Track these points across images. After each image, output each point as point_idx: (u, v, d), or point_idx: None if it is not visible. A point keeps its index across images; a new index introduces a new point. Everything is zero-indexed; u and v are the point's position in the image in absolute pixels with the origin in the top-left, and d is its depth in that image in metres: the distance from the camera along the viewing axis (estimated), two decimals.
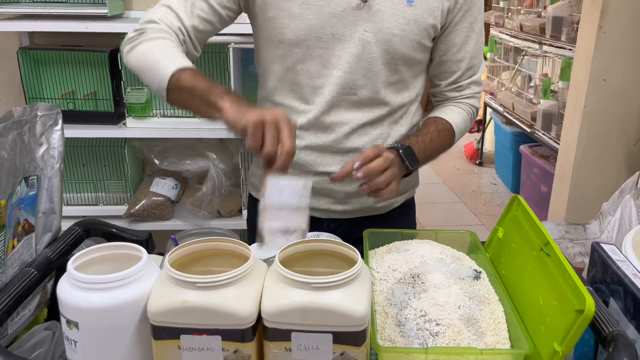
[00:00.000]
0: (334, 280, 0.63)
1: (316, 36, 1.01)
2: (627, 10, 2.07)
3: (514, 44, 3.51)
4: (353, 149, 1.09)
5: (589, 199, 2.30)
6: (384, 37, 1.02)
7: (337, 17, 1.01)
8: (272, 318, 0.65)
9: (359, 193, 1.13)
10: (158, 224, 2.02)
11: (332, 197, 1.14)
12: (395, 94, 1.09)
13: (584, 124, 2.25)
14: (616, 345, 0.67)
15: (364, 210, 1.17)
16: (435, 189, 3.96)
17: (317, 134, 1.09)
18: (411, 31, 1.03)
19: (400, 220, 1.25)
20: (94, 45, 1.96)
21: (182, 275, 0.64)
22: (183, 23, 1.02)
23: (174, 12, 1.03)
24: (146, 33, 1.01)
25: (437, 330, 0.73)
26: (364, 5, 1.01)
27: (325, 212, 1.16)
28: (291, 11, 1.01)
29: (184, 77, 0.94)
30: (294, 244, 0.73)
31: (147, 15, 1.04)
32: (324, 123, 1.08)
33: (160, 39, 1.00)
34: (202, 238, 0.73)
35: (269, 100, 1.13)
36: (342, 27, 1.01)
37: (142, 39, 1.00)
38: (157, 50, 0.99)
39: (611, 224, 1.36)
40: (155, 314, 0.64)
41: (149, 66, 0.99)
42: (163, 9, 1.04)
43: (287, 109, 1.09)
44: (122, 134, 1.94)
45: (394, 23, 1.02)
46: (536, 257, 0.80)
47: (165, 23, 1.02)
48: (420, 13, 1.03)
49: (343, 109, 1.07)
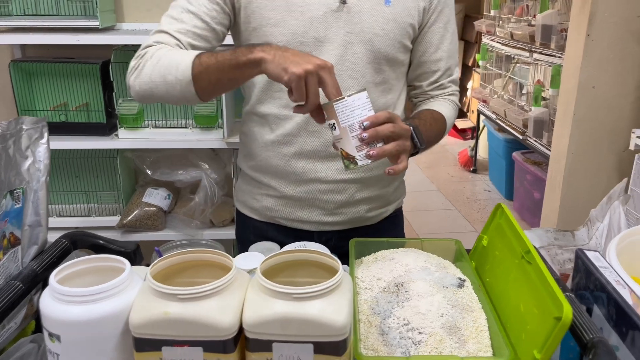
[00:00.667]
0: (314, 291, 0.64)
1: (299, 41, 1.03)
2: (614, 18, 2.10)
3: (505, 52, 3.54)
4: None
5: (581, 205, 2.31)
6: (365, 37, 1.05)
7: (319, 20, 1.03)
8: (253, 329, 0.65)
9: (349, 203, 1.13)
10: (151, 234, 2.03)
11: (323, 208, 1.15)
12: (380, 95, 1.11)
13: (574, 131, 2.27)
14: (596, 352, 0.68)
15: (355, 220, 1.18)
16: (429, 196, 3.97)
17: (306, 139, 1.10)
18: (391, 30, 1.06)
19: (390, 230, 1.26)
20: (85, 57, 1.97)
21: (163, 287, 0.64)
22: (180, 40, 1.02)
23: (169, 34, 1.02)
24: (147, 54, 1.00)
25: (419, 338, 0.74)
26: (344, 7, 1.03)
27: (316, 224, 1.16)
28: (274, 19, 1.02)
29: (205, 58, 0.93)
30: (277, 255, 0.73)
31: (143, 44, 1.03)
32: (311, 127, 1.09)
33: (162, 49, 1.00)
34: (186, 249, 0.73)
35: (253, 113, 1.14)
36: (324, 30, 1.03)
37: (145, 60, 1.00)
38: (166, 56, 0.98)
39: (599, 230, 1.37)
40: (137, 326, 0.64)
41: (164, 73, 0.96)
42: (158, 34, 1.04)
43: (273, 118, 1.10)
44: (114, 145, 1.95)
45: (374, 23, 1.05)
46: (518, 265, 0.80)
47: (162, 43, 1.02)
48: (399, 12, 1.06)
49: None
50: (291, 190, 1.14)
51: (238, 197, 1.26)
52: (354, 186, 1.14)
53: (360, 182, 1.14)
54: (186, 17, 1.02)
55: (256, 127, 1.14)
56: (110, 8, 1.97)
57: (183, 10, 1.02)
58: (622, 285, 0.83)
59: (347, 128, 0.86)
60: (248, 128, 1.16)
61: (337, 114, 0.86)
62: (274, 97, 1.09)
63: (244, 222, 1.24)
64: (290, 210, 1.16)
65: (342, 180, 1.13)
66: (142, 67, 0.99)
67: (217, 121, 1.92)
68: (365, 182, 1.15)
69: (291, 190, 1.14)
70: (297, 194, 1.14)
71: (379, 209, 1.21)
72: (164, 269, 0.72)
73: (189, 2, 1.02)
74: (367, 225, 1.21)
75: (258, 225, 1.20)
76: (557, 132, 2.39)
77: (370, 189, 1.17)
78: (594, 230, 1.37)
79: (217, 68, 0.92)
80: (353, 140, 0.87)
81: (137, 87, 1.01)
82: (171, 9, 1.05)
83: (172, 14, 1.04)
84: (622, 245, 1.03)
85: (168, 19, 1.03)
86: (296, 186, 1.13)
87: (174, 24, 1.02)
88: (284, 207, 1.16)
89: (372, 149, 0.87)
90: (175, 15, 1.03)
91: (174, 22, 1.02)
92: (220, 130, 1.91)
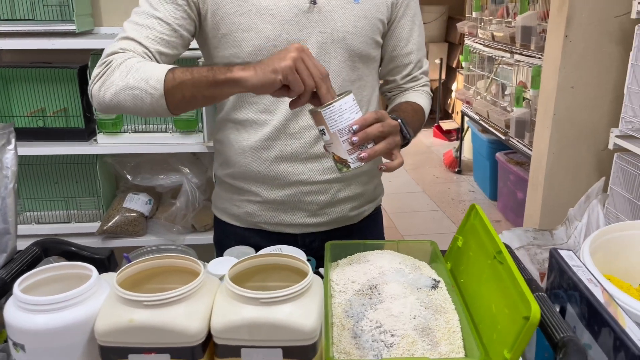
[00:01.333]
0: (282, 295, 0.64)
1: (273, 44, 1.02)
2: (591, 19, 2.12)
3: (487, 54, 3.56)
4: (323, 153, 1.09)
5: (562, 204, 2.33)
6: (338, 36, 1.05)
7: (290, 22, 1.02)
8: (221, 334, 0.64)
9: (335, 205, 1.13)
10: (132, 240, 2.00)
11: (306, 210, 1.15)
12: (356, 92, 1.11)
13: (554, 131, 2.29)
14: (567, 351, 0.68)
15: (338, 220, 1.18)
16: (414, 198, 3.98)
17: (286, 141, 1.09)
18: (363, 27, 1.06)
19: (371, 228, 1.27)
20: (63, 62, 1.95)
21: (128, 294, 0.63)
22: (147, 47, 0.99)
23: (134, 40, 0.98)
24: (113, 63, 0.96)
25: (391, 341, 0.73)
26: (314, 7, 1.03)
27: (299, 227, 1.16)
28: (244, 24, 1.01)
29: (179, 73, 0.90)
30: (247, 259, 0.73)
31: (106, 50, 0.99)
32: (290, 130, 1.08)
33: (130, 58, 0.95)
34: (155, 255, 0.72)
35: (228, 120, 1.13)
36: (297, 31, 1.03)
37: (111, 69, 0.95)
38: (135, 68, 0.93)
39: (578, 229, 1.38)
40: (102, 334, 0.63)
41: (133, 85, 0.92)
42: (123, 41, 0.99)
43: (250, 123, 1.10)
44: (93, 150, 1.93)
45: (345, 21, 1.05)
46: (490, 266, 0.81)
47: (129, 50, 0.98)
48: (368, 9, 1.07)
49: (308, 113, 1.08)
50: (274, 194, 1.13)
51: (217, 205, 1.25)
52: (336, 186, 1.14)
53: (342, 181, 1.14)
54: (152, 23, 0.99)
55: (232, 134, 1.13)
56: (88, 12, 1.95)
57: (148, 16, 0.99)
58: (594, 284, 0.84)
59: (336, 133, 0.86)
60: (224, 135, 1.15)
61: (325, 120, 0.85)
62: (250, 102, 1.08)
63: (224, 229, 1.23)
64: (274, 215, 1.15)
65: (324, 180, 1.13)
66: (108, 77, 0.95)
67: (197, 125, 1.91)
68: (346, 181, 1.15)
69: (274, 194, 1.13)
70: (279, 198, 1.13)
71: (361, 207, 1.22)
72: (132, 275, 0.71)
73: (154, 8, 0.99)
74: (350, 225, 1.21)
75: (240, 232, 1.20)
76: (537, 132, 2.42)
77: (351, 187, 1.17)
78: (573, 229, 1.38)
79: (193, 84, 0.89)
80: (344, 144, 0.87)
81: (101, 97, 0.96)
82: (135, 15, 1.01)
83: (136, 20, 1.00)
84: (596, 243, 1.04)
85: (132, 25, 1.00)
86: (279, 190, 1.13)
87: (140, 31, 0.99)
88: (267, 211, 1.15)
89: (363, 151, 0.87)
90: (140, 21, 0.99)
91: (139, 29, 0.99)
92: (200, 134, 1.90)
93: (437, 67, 5.32)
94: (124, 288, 0.65)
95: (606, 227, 1.09)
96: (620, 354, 0.70)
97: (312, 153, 1.10)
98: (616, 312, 0.75)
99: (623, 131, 1.93)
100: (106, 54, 0.98)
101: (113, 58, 0.96)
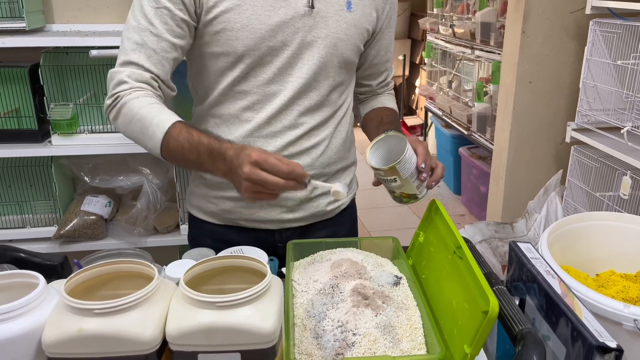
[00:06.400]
0: (239, 298, 0.62)
1: (267, 45, 1.01)
2: (547, 15, 2.16)
3: (449, 50, 3.60)
4: (302, 150, 1.09)
5: (523, 197, 2.38)
6: (331, 42, 1.06)
7: (286, 24, 1.01)
8: (176, 341, 0.62)
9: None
10: (91, 244, 1.95)
11: (283, 206, 1.14)
12: (339, 96, 1.13)
13: (514, 126, 2.33)
14: (525, 343, 0.69)
15: (315, 215, 1.18)
16: (379, 194, 3.99)
17: (267, 139, 1.08)
18: (352, 35, 1.08)
19: (347, 223, 1.28)
20: (13, 61, 1.87)
21: (77, 302, 0.60)
22: (152, 71, 0.99)
23: (138, 65, 0.98)
24: (120, 99, 0.98)
25: (353, 340, 0.73)
26: (312, 11, 1.02)
27: (277, 222, 1.15)
28: (239, 23, 1.00)
29: (173, 143, 0.94)
30: (203, 262, 0.71)
31: (113, 77, 0.99)
32: (273, 129, 1.07)
33: (133, 100, 0.97)
34: (106, 261, 0.70)
35: (209, 114, 1.10)
36: (292, 34, 1.02)
37: (119, 106, 0.98)
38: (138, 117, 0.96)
39: (537, 222, 1.40)
40: (50, 345, 0.60)
41: (137, 136, 0.98)
42: (128, 67, 0.98)
43: (232, 119, 1.08)
44: (47, 152, 1.86)
45: (338, 28, 1.06)
46: (451, 261, 0.81)
47: (133, 79, 0.98)
48: (358, 18, 1.08)
49: (294, 114, 1.07)
50: None
51: (192, 202, 1.22)
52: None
53: (320, 177, 1.14)
54: (152, 42, 0.98)
55: (212, 128, 1.11)
56: (39, 9, 1.88)
57: (147, 33, 0.97)
58: (552, 276, 0.85)
59: (408, 177, 0.95)
60: (203, 129, 1.12)
61: (398, 172, 0.93)
62: (236, 99, 1.07)
63: (200, 227, 1.21)
64: (251, 211, 1.14)
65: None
66: (118, 114, 0.98)
67: None
68: (325, 176, 1.15)
69: None
70: None
71: (337, 201, 1.21)
72: (83, 282, 0.68)
73: (151, 23, 0.97)
74: (325, 220, 1.21)
75: (216, 229, 1.18)
76: (498, 127, 2.46)
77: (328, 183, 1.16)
78: (532, 221, 1.41)
79: (183, 159, 0.95)
80: (414, 183, 0.96)
81: (115, 126, 1.02)
82: (132, 31, 0.98)
83: (135, 38, 0.98)
84: (554, 235, 1.06)
85: (132, 45, 0.98)
86: None
87: (141, 52, 0.97)
88: (244, 208, 1.14)
89: (428, 181, 0.99)
90: (139, 40, 0.97)
91: (139, 50, 0.97)
92: None
93: (401, 63, 5.36)
94: (74, 296, 0.62)
95: (563, 218, 1.11)
96: (577, 344, 0.71)
97: (294, 151, 1.09)
98: (573, 303, 0.76)
99: (579, 124, 1.97)
100: (114, 84, 0.98)
101: (119, 94, 0.98)
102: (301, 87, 1.06)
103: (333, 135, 1.13)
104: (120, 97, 0.98)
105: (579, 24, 2.18)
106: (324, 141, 1.12)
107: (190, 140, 0.93)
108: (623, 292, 0.94)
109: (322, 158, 1.12)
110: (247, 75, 1.04)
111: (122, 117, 0.98)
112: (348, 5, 1.06)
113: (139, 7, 0.98)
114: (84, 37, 1.75)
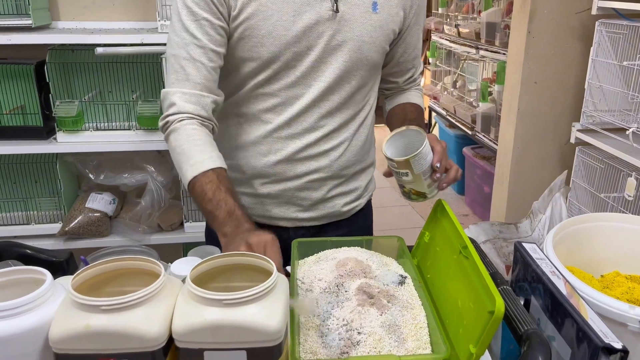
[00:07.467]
0: (245, 296, 0.62)
1: (292, 50, 1.01)
2: (553, 15, 2.16)
3: (453, 49, 3.60)
4: (320, 153, 1.10)
5: (527, 197, 2.37)
6: (355, 45, 1.05)
7: (311, 29, 1.01)
8: (183, 338, 0.62)
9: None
10: (95, 241, 1.95)
11: (298, 205, 1.14)
12: (362, 97, 1.12)
13: (519, 126, 2.33)
14: (530, 344, 0.69)
15: (331, 215, 1.18)
16: (384, 193, 4.00)
17: (287, 141, 1.08)
18: (378, 37, 1.07)
19: (361, 222, 1.27)
20: (19, 58, 1.88)
21: (84, 299, 0.61)
22: (202, 93, 1.01)
23: (191, 93, 1.00)
24: (170, 125, 1.01)
25: (358, 339, 0.73)
26: (336, 15, 1.02)
27: (292, 220, 1.15)
28: (264, 29, 1.00)
29: (197, 189, 0.96)
30: (209, 260, 0.71)
31: (165, 98, 1.02)
32: (294, 131, 1.08)
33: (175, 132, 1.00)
34: (113, 258, 0.70)
35: (231, 113, 1.11)
36: (316, 38, 1.02)
37: (168, 132, 1.01)
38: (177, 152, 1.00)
39: (542, 222, 1.40)
40: (57, 341, 0.61)
41: (177, 166, 1.01)
42: (177, 89, 1.00)
43: (254, 119, 1.08)
44: (52, 149, 1.87)
45: (363, 30, 1.05)
46: (456, 261, 0.81)
47: (184, 100, 1.00)
48: (384, 19, 1.07)
49: (314, 117, 1.07)
50: (268, 188, 1.12)
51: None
52: (331, 183, 1.14)
53: (337, 178, 1.14)
54: (197, 54, 0.99)
55: (233, 126, 1.11)
56: (45, 6, 1.89)
57: (193, 46, 0.99)
58: (557, 276, 0.85)
59: (420, 174, 0.93)
60: (223, 127, 1.13)
61: (412, 166, 0.92)
62: (258, 100, 1.07)
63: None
64: (267, 208, 1.15)
65: (319, 178, 1.12)
66: (167, 139, 1.02)
67: None
68: (342, 178, 1.15)
69: (268, 188, 1.12)
70: (273, 192, 1.13)
71: (353, 202, 1.21)
72: (90, 279, 0.68)
73: (194, 37, 0.99)
74: (340, 220, 1.21)
75: None
76: (503, 127, 2.45)
77: (346, 184, 1.17)
78: (537, 222, 1.41)
79: (200, 207, 0.97)
80: (426, 181, 0.95)
81: (168, 145, 1.04)
82: (177, 47, 1.00)
83: (181, 54, 1.00)
84: (559, 236, 1.06)
85: (180, 62, 1.00)
86: (273, 185, 1.12)
87: (190, 68, 1.00)
88: (261, 205, 1.15)
89: (441, 182, 0.97)
90: (186, 55, 1.00)
91: (188, 65, 1.00)
92: None
93: None
94: (80, 292, 0.63)
95: (568, 219, 1.11)
96: (582, 345, 0.71)
97: (312, 153, 1.09)
98: (578, 304, 0.76)
99: (584, 125, 1.97)
100: (166, 105, 1.02)
101: (168, 120, 1.01)
102: (324, 90, 1.05)
103: (353, 138, 1.13)
104: (169, 122, 1.01)
105: (584, 25, 2.18)
106: (343, 143, 1.12)
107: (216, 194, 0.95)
108: (628, 293, 0.94)
109: (340, 160, 1.12)
110: (272, 79, 1.04)
111: (169, 144, 1.02)
112: (374, 6, 1.05)
113: (180, 24, 1.00)
114: (90, 35, 1.76)
